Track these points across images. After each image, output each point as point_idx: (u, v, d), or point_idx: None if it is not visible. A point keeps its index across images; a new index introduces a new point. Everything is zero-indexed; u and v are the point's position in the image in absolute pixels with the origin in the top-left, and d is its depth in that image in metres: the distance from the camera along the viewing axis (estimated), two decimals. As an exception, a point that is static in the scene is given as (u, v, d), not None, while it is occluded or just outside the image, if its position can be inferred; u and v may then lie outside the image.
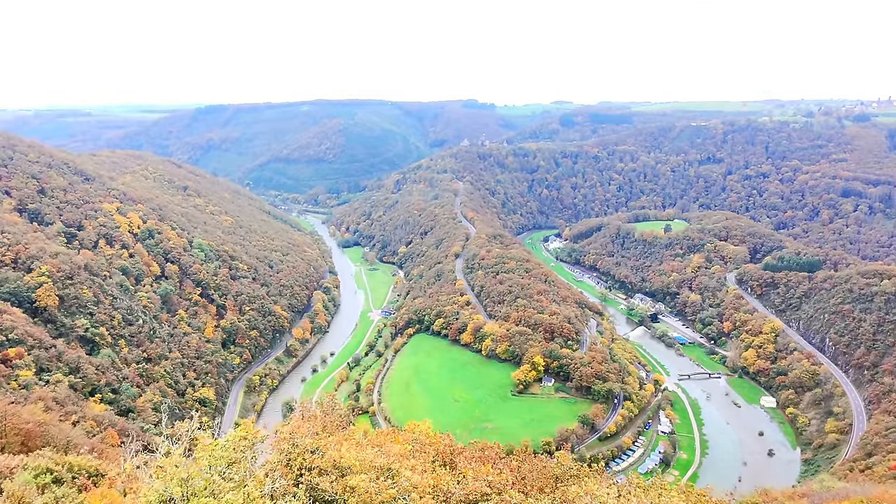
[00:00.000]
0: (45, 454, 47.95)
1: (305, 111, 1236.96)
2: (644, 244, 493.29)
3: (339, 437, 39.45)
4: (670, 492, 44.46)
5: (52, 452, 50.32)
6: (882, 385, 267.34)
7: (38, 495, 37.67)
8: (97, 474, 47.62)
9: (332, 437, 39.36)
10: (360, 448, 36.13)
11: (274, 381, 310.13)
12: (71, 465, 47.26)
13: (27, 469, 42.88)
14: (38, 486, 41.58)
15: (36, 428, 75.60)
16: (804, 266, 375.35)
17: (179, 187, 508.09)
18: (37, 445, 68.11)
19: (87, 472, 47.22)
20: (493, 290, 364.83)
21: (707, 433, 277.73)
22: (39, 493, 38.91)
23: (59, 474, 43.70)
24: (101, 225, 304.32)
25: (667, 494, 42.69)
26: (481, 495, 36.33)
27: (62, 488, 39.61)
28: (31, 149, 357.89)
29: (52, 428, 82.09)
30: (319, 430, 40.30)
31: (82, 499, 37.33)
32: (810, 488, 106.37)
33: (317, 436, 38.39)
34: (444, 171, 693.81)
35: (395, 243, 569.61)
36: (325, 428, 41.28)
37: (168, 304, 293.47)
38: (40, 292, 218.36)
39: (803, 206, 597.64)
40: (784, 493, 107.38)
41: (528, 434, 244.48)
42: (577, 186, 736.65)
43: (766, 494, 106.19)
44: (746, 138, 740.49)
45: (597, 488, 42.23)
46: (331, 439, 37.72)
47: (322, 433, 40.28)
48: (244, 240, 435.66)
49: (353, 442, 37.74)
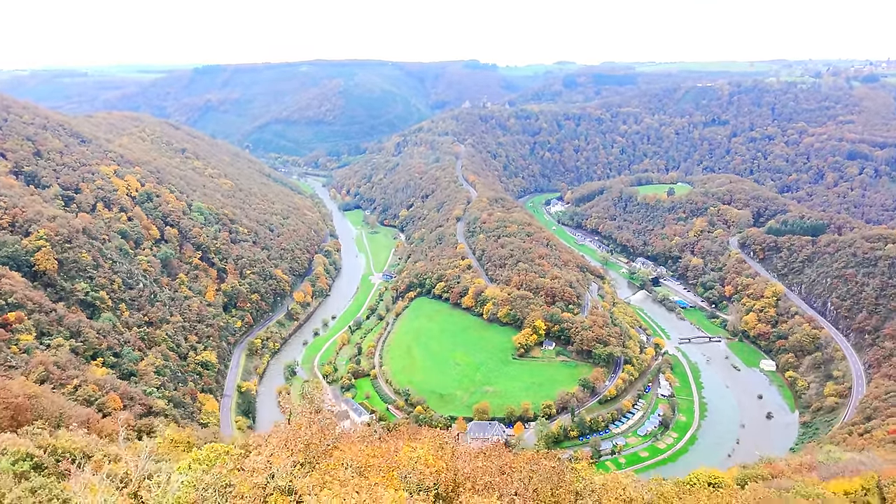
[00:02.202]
0: (31, 433, 46.48)
1: (304, 72, 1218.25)
2: (646, 208, 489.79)
3: (322, 469, 34.71)
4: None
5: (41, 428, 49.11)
6: (883, 349, 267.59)
7: (14, 485, 36.04)
8: (83, 456, 46.14)
9: (315, 470, 34.62)
10: (345, 496, 30.84)
11: (276, 345, 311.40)
12: (55, 447, 45.74)
13: (6, 454, 41.19)
14: (16, 473, 40.13)
15: (26, 401, 74.16)
16: (808, 230, 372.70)
17: (177, 150, 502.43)
18: (27, 419, 66.82)
19: (71, 456, 45.68)
20: (494, 253, 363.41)
21: (706, 396, 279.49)
22: (16, 482, 37.33)
23: (40, 459, 42.13)
24: (98, 188, 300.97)
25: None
26: None
27: (40, 477, 37.85)
28: (26, 110, 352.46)
29: (43, 400, 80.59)
30: (303, 448, 35.92)
31: (62, 488, 35.62)
32: (816, 459, 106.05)
33: (297, 465, 33.95)
34: (445, 133, 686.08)
35: (396, 206, 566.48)
36: (308, 446, 35.78)
37: (168, 267, 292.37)
38: (39, 256, 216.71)
39: (808, 169, 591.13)
40: (790, 464, 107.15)
41: (529, 397, 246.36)
42: (580, 149, 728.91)
43: (772, 466, 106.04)
44: (753, 100, 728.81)
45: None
46: (310, 477, 32.72)
47: (305, 452, 35.95)
48: (244, 203, 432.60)
49: (337, 482, 32.39)
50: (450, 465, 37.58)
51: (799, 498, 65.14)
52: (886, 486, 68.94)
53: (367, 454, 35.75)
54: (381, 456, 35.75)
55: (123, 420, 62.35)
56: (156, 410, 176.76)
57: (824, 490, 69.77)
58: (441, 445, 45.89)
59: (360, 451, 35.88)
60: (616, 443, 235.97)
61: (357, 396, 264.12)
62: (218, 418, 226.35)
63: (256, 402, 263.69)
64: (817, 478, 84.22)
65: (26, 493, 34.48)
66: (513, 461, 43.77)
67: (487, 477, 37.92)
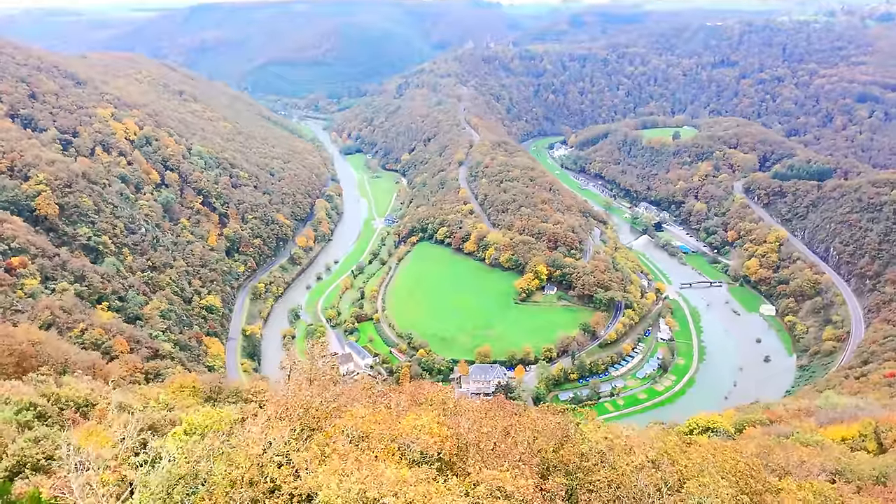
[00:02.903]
0: (35, 380, 46.56)
1: (301, 10, 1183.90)
2: (651, 152, 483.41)
3: (321, 440, 33.58)
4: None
5: (45, 375, 49.23)
6: (883, 294, 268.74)
7: (17, 434, 36.23)
8: (86, 404, 46.47)
9: (313, 438, 33.13)
10: (345, 472, 29.51)
11: (279, 289, 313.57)
12: (59, 396, 45.99)
13: (9, 403, 41.39)
14: (20, 423, 40.38)
15: (30, 348, 74.56)
16: (814, 174, 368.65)
17: (175, 92, 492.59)
18: (32, 366, 67.22)
19: (75, 404, 46.01)
20: (496, 198, 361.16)
21: (705, 340, 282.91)
22: (20, 431, 37.53)
23: (44, 408, 42.35)
24: (96, 131, 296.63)
25: None
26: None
27: (43, 428, 38.07)
28: (19, 51, 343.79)
29: (48, 346, 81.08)
30: (302, 413, 35.00)
31: (65, 436, 35.72)
32: (814, 404, 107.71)
33: (295, 433, 33.17)
34: (447, 74, 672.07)
35: (397, 150, 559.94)
36: (308, 410, 35.23)
37: (170, 212, 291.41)
38: (39, 201, 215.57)
39: (817, 111, 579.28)
40: (788, 409, 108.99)
41: (530, 341, 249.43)
42: (585, 91, 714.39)
43: (770, 411, 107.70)
44: (763, 39, 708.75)
45: None
46: (310, 450, 31.32)
47: (304, 417, 35.00)
48: (244, 147, 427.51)
49: (336, 454, 31.12)
50: (453, 427, 37.28)
51: (798, 445, 66.33)
52: (883, 432, 70.10)
53: (369, 420, 35.13)
54: (382, 422, 35.18)
55: (129, 367, 62.22)
56: (162, 353, 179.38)
57: (823, 437, 71.02)
58: (444, 401, 45.89)
59: (361, 417, 35.21)
60: (615, 385, 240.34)
61: (360, 340, 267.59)
62: (224, 361, 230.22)
63: (261, 345, 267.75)
64: (815, 423, 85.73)
65: (29, 443, 34.66)
66: (518, 421, 43.80)
67: (492, 441, 37.86)
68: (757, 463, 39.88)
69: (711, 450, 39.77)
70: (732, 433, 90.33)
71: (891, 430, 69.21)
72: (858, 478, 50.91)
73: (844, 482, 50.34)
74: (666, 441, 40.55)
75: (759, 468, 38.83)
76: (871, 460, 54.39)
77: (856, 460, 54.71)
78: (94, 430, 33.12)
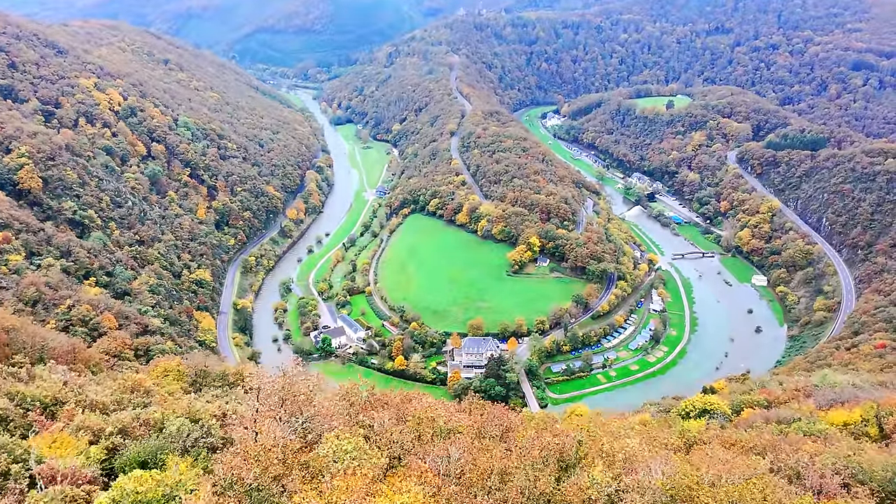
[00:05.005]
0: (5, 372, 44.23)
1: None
2: (645, 121, 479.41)
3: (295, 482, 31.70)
4: None
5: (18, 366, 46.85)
6: (875, 265, 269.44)
7: None
8: (55, 403, 44.18)
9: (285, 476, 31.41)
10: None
11: (270, 262, 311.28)
12: (24, 395, 43.64)
13: (-35, 409, 39.13)
14: None
15: (4, 336, 71.70)
16: (808, 144, 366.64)
17: (160, 61, 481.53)
18: (6, 354, 64.67)
19: (42, 404, 43.69)
20: (489, 169, 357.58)
21: (697, 311, 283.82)
22: None
23: (6, 412, 39.91)
24: (79, 102, 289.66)
25: None
26: None
27: (3, 436, 35.59)
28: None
29: (23, 333, 78.13)
30: (260, 474, 32.81)
31: (26, 446, 33.53)
32: (811, 383, 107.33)
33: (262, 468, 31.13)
34: (438, 42, 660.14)
35: (388, 120, 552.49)
36: (267, 470, 33.07)
37: (157, 185, 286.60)
38: (22, 174, 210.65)
39: (811, 80, 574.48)
40: (785, 389, 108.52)
41: (523, 313, 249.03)
42: (578, 59, 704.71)
43: (767, 391, 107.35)
44: (759, 6, 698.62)
45: None
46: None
47: (263, 478, 32.93)
48: (232, 117, 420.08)
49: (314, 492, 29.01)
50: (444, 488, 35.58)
51: (803, 437, 65.79)
52: (884, 416, 69.78)
53: (340, 490, 31.92)
54: (356, 491, 32.29)
55: (118, 343, 59.64)
56: (152, 329, 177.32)
57: (825, 424, 70.40)
58: (431, 420, 43.62)
59: (331, 488, 32.31)
60: (607, 356, 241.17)
61: (352, 313, 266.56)
62: (215, 335, 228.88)
63: (253, 318, 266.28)
64: (814, 405, 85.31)
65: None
66: (515, 454, 42.44)
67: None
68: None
69: (721, 449, 38.10)
70: (730, 415, 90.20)
71: (891, 415, 68.93)
72: (871, 479, 49.48)
73: (858, 483, 48.91)
74: (681, 475, 38.81)
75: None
76: (882, 458, 53.19)
77: (866, 458, 53.55)
78: (59, 437, 30.89)
